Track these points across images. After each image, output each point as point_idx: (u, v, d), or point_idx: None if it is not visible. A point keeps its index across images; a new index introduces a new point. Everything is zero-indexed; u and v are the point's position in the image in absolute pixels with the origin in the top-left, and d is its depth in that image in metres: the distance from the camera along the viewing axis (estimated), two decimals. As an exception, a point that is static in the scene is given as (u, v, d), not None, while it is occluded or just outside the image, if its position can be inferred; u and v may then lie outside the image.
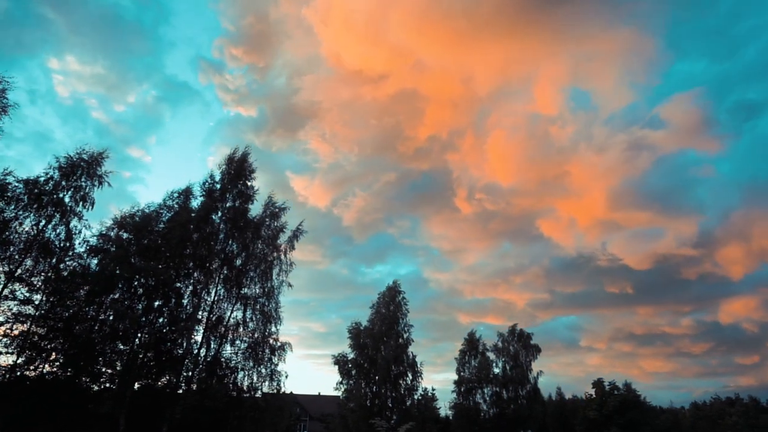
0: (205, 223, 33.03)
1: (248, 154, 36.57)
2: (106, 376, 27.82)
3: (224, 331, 31.94)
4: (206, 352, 31.12)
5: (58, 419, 24.43)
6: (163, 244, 30.96)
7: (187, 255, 31.65)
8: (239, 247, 34.29)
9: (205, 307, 31.92)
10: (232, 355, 31.88)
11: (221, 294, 32.88)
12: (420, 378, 47.31)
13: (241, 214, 34.68)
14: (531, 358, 63.90)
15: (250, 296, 33.46)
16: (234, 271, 33.49)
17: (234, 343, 32.22)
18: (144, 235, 30.58)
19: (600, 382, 74.92)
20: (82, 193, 27.95)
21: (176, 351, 29.70)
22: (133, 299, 29.55)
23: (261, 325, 33.17)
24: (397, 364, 46.07)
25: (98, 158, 28.98)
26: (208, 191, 34.33)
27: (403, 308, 49.52)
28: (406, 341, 47.88)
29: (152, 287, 29.66)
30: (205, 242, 32.68)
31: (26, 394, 23.96)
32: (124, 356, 28.20)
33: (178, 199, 33.70)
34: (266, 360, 32.49)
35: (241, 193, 35.44)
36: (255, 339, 32.54)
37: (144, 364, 28.87)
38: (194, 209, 33.58)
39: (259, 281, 34.22)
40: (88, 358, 26.55)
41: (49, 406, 24.10)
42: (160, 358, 29.26)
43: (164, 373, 29.52)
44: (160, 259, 30.49)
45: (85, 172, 28.31)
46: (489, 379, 59.79)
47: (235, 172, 35.54)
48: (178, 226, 31.34)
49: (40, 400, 23.92)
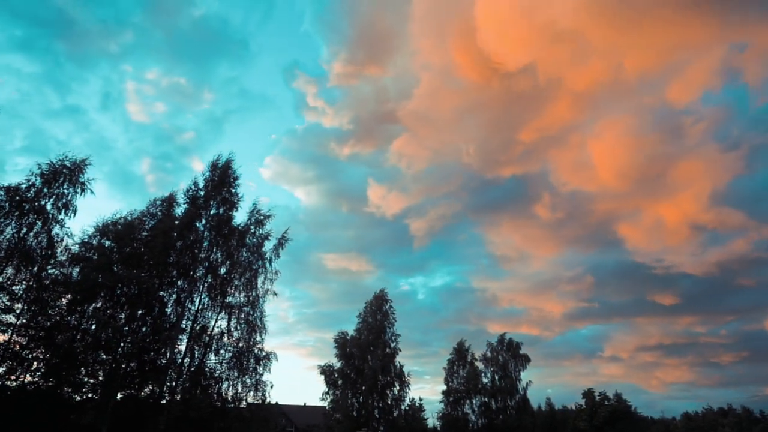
0: (188, 230, 33.56)
1: (232, 161, 37.24)
2: (88, 386, 28.26)
3: (208, 340, 32.42)
4: (190, 361, 31.58)
5: (40, 430, 24.75)
6: (146, 252, 31.51)
7: (171, 263, 32.20)
8: (223, 255, 34.82)
9: (189, 316, 32.47)
10: (217, 365, 32.33)
11: (205, 303, 33.39)
12: (407, 388, 48.18)
13: (226, 222, 35.25)
14: (520, 368, 64.84)
15: (234, 305, 33.94)
16: (218, 279, 34.03)
17: (218, 353, 32.66)
18: (127, 243, 31.11)
19: (590, 392, 76.21)
20: (65, 201, 28.55)
21: (160, 361, 30.18)
22: (115, 308, 30.02)
23: (246, 334, 33.63)
24: (384, 374, 46.76)
25: (80, 165, 29.59)
26: (192, 198, 34.94)
27: (390, 317, 50.30)
28: (393, 351, 48.59)
29: (135, 296, 30.10)
30: (188, 250, 33.26)
31: (7, 404, 24.31)
32: (107, 366, 28.63)
33: (162, 206, 34.33)
34: (251, 370, 32.93)
35: (225, 201, 36.01)
36: (240, 348, 32.99)
37: (127, 374, 29.27)
38: (178, 217, 34.17)
39: (243, 290, 34.68)
40: (70, 368, 26.97)
41: (30, 416, 24.46)
42: (143, 368, 29.68)
43: (147, 383, 29.94)
44: (143, 268, 30.98)
45: (68, 179, 28.88)
46: (478, 390, 60.58)
47: (219, 179, 36.14)
48: (161, 233, 31.92)
49: (21, 410, 24.29)
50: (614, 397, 74.46)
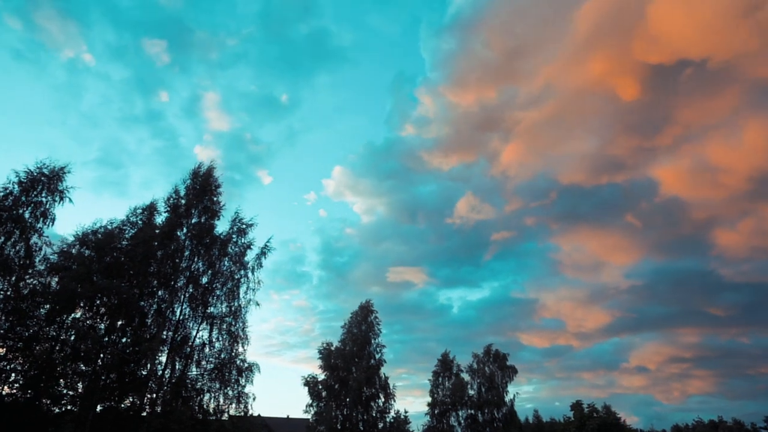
0: (169, 239, 34.21)
1: (214, 168, 38.09)
2: (67, 398, 28.67)
3: (190, 351, 33.02)
4: (171, 373, 32.10)
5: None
6: (126, 262, 32.04)
7: (151, 273, 32.79)
8: (205, 264, 35.49)
9: (170, 326, 33.04)
10: (198, 377, 32.88)
11: (186, 313, 34.10)
12: (392, 400, 48.84)
13: (207, 231, 35.90)
14: (507, 380, 65.75)
15: (216, 315, 34.59)
16: (200, 289, 34.73)
17: (200, 364, 33.23)
18: (107, 253, 31.59)
19: (579, 404, 77.28)
20: (43, 209, 29.16)
21: (140, 372, 30.66)
22: (95, 318, 30.56)
23: (228, 345, 34.26)
24: (369, 386, 47.49)
25: (59, 173, 30.17)
26: (173, 207, 35.59)
27: (375, 328, 51.15)
28: (378, 362, 49.41)
29: (115, 306, 30.64)
30: (169, 259, 33.88)
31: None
32: (86, 377, 29.03)
33: (142, 215, 34.88)
34: (233, 381, 33.49)
35: (207, 209, 36.72)
36: (221, 360, 33.57)
37: (107, 386, 29.71)
38: (159, 225, 34.76)
39: (225, 300, 35.39)
40: (49, 380, 27.42)
41: (7, 429, 24.81)
42: (123, 380, 30.13)
43: (127, 395, 30.37)
44: (124, 277, 31.54)
45: (46, 188, 29.45)
46: (464, 402, 61.41)
47: (200, 187, 36.88)
48: (141, 242, 32.52)
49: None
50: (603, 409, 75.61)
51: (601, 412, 75.28)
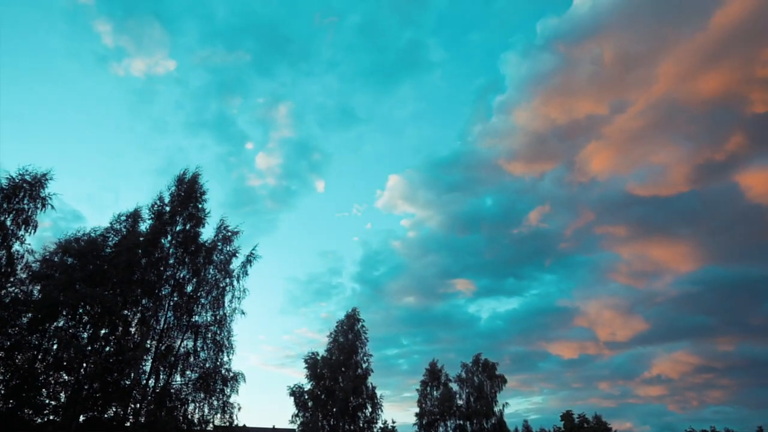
0: (153, 247, 34.59)
1: (199, 175, 38.40)
2: (49, 408, 28.92)
3: (174, 360, 33.40)
4: (155, 382, 32.51)
5: (-1, 454, 25.37)
6: (109, 270, 32.34)
7: (135, 281, 33.09)
8: (190, 272, 35.92)
9: (154, 335, 33.45)
10: (183, 386, 33.28)
11: (171, 322, 34.48)
12: (380, 410, 49.37)
13: (192, 238, 36.37)
14: (496, 389, 66.43)
15: (201, 324, 35.04)
16: (184, 297, 35.16)
17: (184, 374, 33.65)
18: (90, 261, 31.95)
19: (569, 414, 78.25)
20: (25, 217, 29.44)
21: (123, 382, 31.00)
22: (78, 327, 30.89)
23: (213, 354, 34.74)
24: (356, 396, 48.00)
25: (41, 180, 30.52)
26: (157, 214, 35.99)
27: (362, 337, 51.75)
28: (365, 371, 49.97)
29: (98, 315, 31.04)
30: (153, 267, 34.29)
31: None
32: (69, 387, 29.37)
33: (126, 222, 35.21)
34: (218, 391, 33.92)
35: (192, 216, 37.14)
36: (206, 369, 33.99)
37: (90, 396, 30.02)
38: (143, 233, 35.11)
39: (210, 309, 35.84)
40: (31, 389, 27.70)
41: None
42: (106, 389, 30.44)
43: (111, 404, 30.70)
44: (107, 286, 31.90)
45: (28, 194, 29.79)
46: (452, 412, 62.00)
47: (185, 194, 37.28)
48: (125, 250, 32.86)
49: (-21, 433, 24.86)
50: (594, 419, 76.61)
51: (591, 422, 76.44)
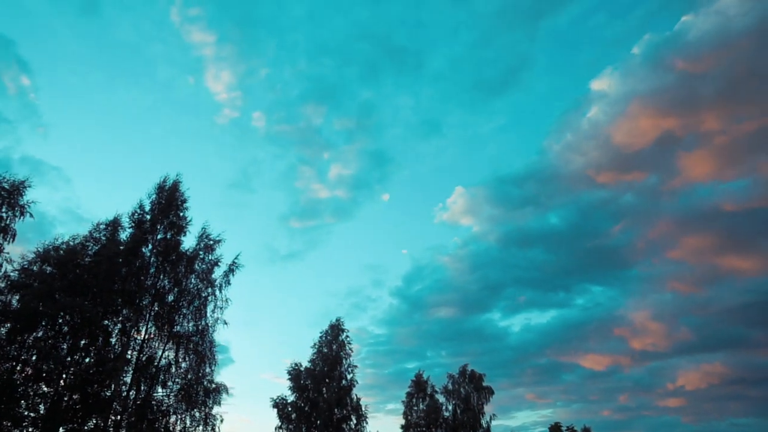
0: (134, 256, 34.88)
1: (180, 182, 38.73)
2: (28, 420, 28.98)
3: (155, 371, 33.72)
4: (136, 394, 32.76)
5: (-24, 467, 25.51)
6: (89, 279, 32.57)
7: (115, 291, 33.34)
8: (171, 282, 36.21)
9: (135, 346, 33.70)
10: (164, 398, 33.66)
11: (152, 332, 34.81)
12: (365, 422, 49.80)
13: (173, 247, 36.65)
14: (483, 401, 67.09)
15: (182, 335, 35.34)
16: (165, 307, 35.46)
17: (166, 385, 34.00)
18: (69, 270, 32.12)
19: (557, 426, 79.43)
20: (3, 225, 29.66)
21: (104, 393, 31.24)
22: (57, 338, 31.06)
23: (195, 365, 35.06)
24: (341, 408, 48.42)
25: (20, 187, 30.80)
26: (138, 222, 36.22)
27: (346, 348, 52.21)
28: (350, 383, 50.42)
29: (78, 325, 31.25)
30: (134, 277, 34.57)
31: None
32: (48, 399, 29.53)
33: (106, 230, 35.45)
34: (200, 403, 34.33)
35: (173, 224, 37.43)
36: (188, 380, 34.35)
37: (69, 407, 30.22)
38: (123, 242, 35.40)
39: (192, 319, 36.16)
40: (9, 401, 27.84)
41: (-34, 453, 25.18)
42: (86, 401, 30.63)
43: (91, 416, 30.84)
44: (87, 295, 32.11)
45: (6, 202, 30.04)
46: (438, 424, 62.51)
47: (166, 202, 37.57)
48: (105, 259, 33.13)
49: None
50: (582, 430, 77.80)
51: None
